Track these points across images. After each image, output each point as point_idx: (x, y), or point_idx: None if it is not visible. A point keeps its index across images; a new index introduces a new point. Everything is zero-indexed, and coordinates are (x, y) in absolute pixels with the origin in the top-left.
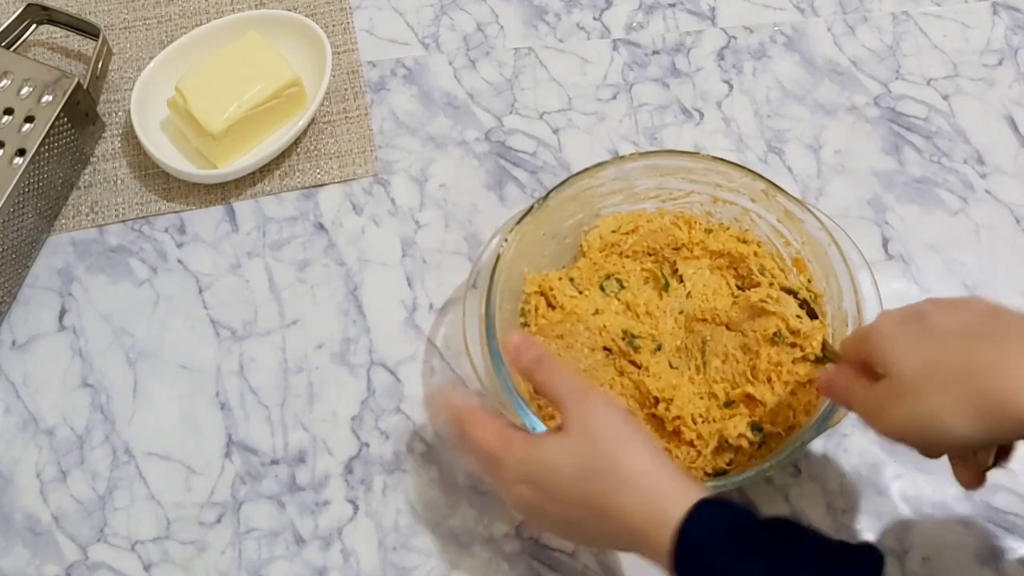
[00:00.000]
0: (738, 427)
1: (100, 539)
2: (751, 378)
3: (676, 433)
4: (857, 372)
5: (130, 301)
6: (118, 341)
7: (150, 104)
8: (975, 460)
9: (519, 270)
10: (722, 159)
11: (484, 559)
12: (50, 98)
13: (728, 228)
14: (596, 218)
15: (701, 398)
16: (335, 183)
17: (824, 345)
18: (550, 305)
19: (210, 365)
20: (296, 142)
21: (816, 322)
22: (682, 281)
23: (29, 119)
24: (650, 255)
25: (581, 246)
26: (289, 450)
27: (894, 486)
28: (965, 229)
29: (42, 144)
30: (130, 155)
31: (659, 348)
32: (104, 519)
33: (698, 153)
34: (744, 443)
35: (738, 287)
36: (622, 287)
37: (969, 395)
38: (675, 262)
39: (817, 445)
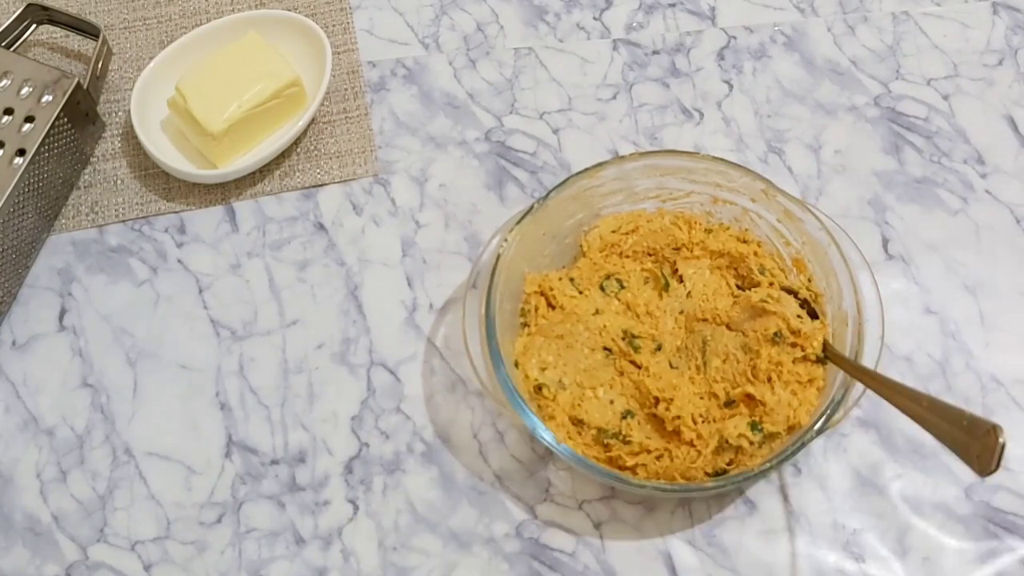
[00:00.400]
0: (738, 427)
1: (100, 539)
2: (751, 378)
3: (676, 433)
4: None
5: (130, 301)
6: (118, 341)
7: (150, 104)
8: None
9: (519, 270)
10: (722, 159)
11: (484, 559)
12: (50, 98)
13: (728, 228)
14: (596, 218)
15: (701, 398)
16: (335, 183)
17: (825, 345)
18: (550, 305)
19: (210, 365)
20: (296, 142)
21: (817, 322)
22: (682, 281)
23: (29, 119)
24: (650, 255)
25: (581, 246)
26: (289, 450)
27: (894, 486)
28: (965, 229)
29: (42, 144)
30: (130, 155)
31: (659, 348)
32: (104, 519)
33: (698, 153)
34: (744, 443)
35: (738, 287)
36: (622, 287)
37: None
38: (675, 262)
39: (817, 445)
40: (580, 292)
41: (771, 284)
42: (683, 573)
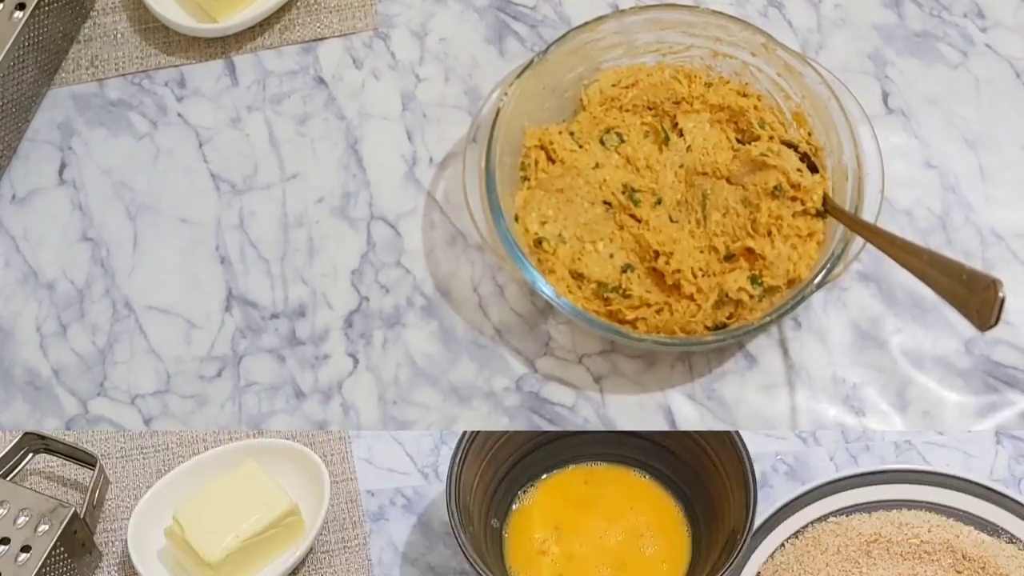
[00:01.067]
0: (738, 281)
1: (100, 393)
2: (751, 232)
3: (676, 287)
4: None
5: (130, 155)
6: (118, 195)
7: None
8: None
9: (519, 124)
10: (722, 13)
11: (484, 412)
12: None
13: (728, 82)
14: (596, 72)
15: (701, 252)
16: (335, 37)
17: (825, 199)
18: (550, 159)
19: (210, 219)
20: None
21: (817, 176)
22: (682, 135)
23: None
24: (650, 109)
25: (581, 100)
26: (289, 304)
27: (894, 340)
28: (965, 83)
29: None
30: (130, 9)
31: (659, 202)
32: (104, 373)
33: (698, 7)
34: (744, 297)
35: (738, 141)
36: (622, 141)
37: None
38: (675, 116)
39: (817, 299)
40: (580, 146)
41: (771, 138)
42: (683, 426)
